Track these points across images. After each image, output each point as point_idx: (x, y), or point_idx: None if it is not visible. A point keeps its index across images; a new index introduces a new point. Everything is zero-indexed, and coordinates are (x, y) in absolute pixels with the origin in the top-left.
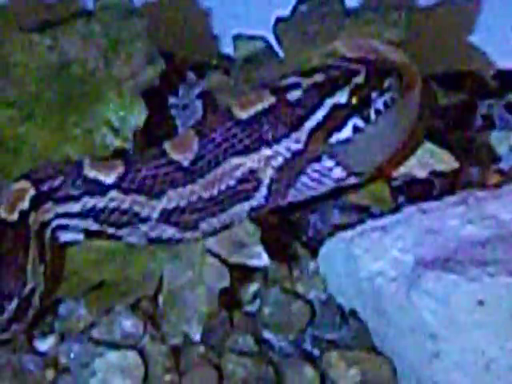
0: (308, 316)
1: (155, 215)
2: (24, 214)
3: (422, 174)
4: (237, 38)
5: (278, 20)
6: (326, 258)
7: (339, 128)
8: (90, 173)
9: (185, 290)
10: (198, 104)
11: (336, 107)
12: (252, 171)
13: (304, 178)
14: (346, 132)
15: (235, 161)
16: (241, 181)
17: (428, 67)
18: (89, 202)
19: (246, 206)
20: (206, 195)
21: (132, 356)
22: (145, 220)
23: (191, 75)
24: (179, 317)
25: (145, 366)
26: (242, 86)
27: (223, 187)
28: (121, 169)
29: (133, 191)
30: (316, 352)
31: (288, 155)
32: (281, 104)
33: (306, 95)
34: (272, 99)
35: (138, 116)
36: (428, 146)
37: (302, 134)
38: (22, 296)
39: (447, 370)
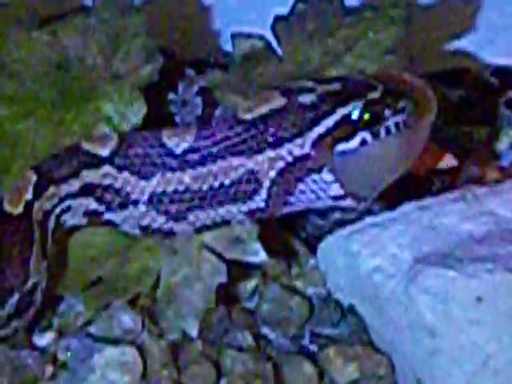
0: (306, 312)
1: (144, 198)
2: (28, 206)
3: (420, 171)
4: (235, 36)
5: (277, 18)
6: (324, 254)
7: (347, 139)
8: (87, 146)
9: (182, 286)
10: (197, 101)
11: (347, 118)
12: (253, 173)
13: (302, 186)
14: (353, 144)
15: (235, 161)
16: (239, 182)
17: (427, 65)
18: (87, 176)
19: (243, 207)
20: (194, 187)
21: (130, 352)
22: (135, 202)
23: (190, 72)
24: (176, 313)
25: (143, 362)
26: (241, 84)
27: (216, 184)
28: (114, 143)
29: (125, 168)
30: (314, 348)
31: (290, 159)
32: (291, 106)
33: (319, 101)
34: (282, 100)
35: (137, 112)
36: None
37: (308, 139)
38: (24, 291)
39: (445, 366)
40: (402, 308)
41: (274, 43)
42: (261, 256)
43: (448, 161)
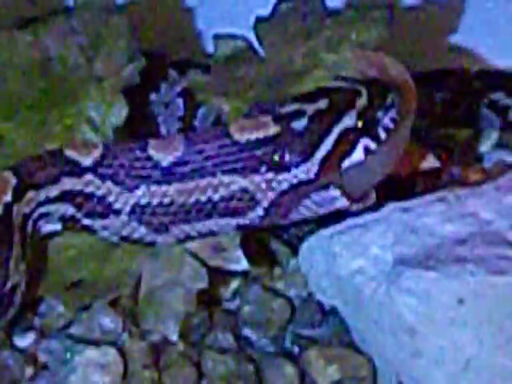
0: (288, 313)
1: (127, 209)
2: (8, 207)
3: (403, 172)
4: (217, 37)
5: (259, 19)
6: (306, 255)
7: (349, 152)
8: (70, 153)
9: (163, 290)
10: (179, 102)
11: (344, 132)
12: (247, 191)
13: (307, 202)
14: (358, 155)
15: (225, 178)
16: (230, 198)
17: (410, 66)
18: (66, 183)
19: (233, 221)
20: (180, 200)
21: (111, 353)
22: (117, 212)
23: (173, 73)
24: (157, 317)
25: (124, 363)
26: (223, 85)
27: (203, 199)
28: (98, 152)
29: (108, 178)
30: (296, 349)
31: (295, 182)
32: (287, 134)
33: (313, 124)
34: (276, 128)
35: (119, 113)
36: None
37: (313, 164)
38: (3, 292)
39: (427, 367)
40: (383, 309)
41: (256, 44)
42: (243, 264)
43: (430, 162)
